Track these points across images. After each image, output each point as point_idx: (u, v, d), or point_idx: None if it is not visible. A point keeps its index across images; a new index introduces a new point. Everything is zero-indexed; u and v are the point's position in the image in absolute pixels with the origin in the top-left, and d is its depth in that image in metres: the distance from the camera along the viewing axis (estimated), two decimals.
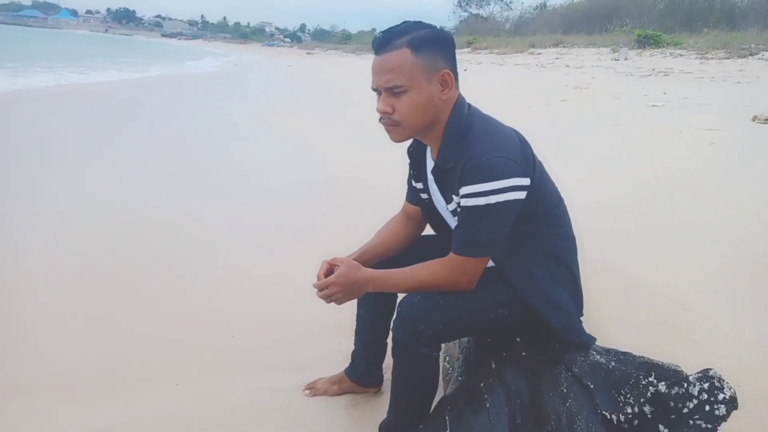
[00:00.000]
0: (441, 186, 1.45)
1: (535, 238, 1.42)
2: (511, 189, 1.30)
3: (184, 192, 4.41)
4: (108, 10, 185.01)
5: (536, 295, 1.41)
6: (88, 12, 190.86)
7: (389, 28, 1.38)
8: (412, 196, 1.67)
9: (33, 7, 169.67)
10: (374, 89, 1.40)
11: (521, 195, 1.32)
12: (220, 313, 2.44)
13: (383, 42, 1.35)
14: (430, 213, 1.62)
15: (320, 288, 1.42)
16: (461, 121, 1.39)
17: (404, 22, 1.38)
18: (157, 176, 4.89)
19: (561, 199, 1.49)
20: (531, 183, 1.34)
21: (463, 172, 1.31)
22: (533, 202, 1.36)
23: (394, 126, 1.38)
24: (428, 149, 1.53)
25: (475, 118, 1.40)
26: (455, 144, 1.37)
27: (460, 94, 1.43)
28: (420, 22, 1.38)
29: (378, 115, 1.40)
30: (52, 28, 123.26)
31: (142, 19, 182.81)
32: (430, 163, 1.51)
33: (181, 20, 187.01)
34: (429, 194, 1.56)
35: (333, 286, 1.40)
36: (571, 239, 1.50)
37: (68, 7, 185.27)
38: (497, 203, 1.29)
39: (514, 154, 1.32)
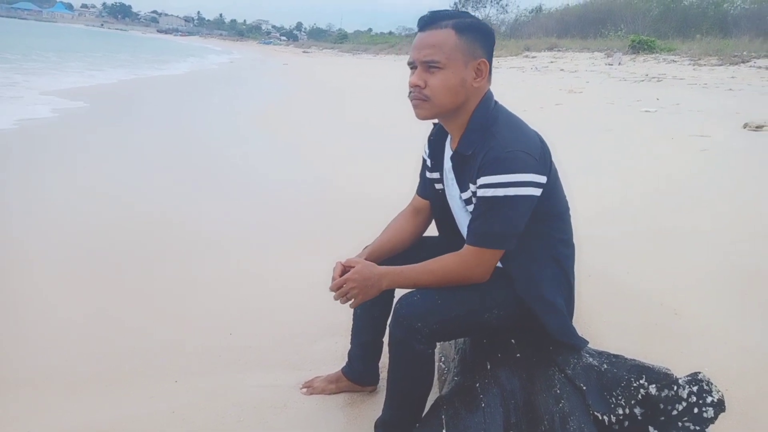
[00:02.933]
0: (458, 173, 1.48)
1: (542, 240, 1.45)
2: (528, 184, 1.34)
3: (185, 191, 4.44)
4: (104, 4, 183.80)
5: (535, 296, 1.45)
6: (84, 6, 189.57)
7: (438, 9, 1.44)
8: (424, 188, 1.70)
9: (28, 0, 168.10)
10: (410, 63, 1.44)
11: (537, 192, 1.36)
12: (219, 311, 2.46)
13: (430, 20, 1.41)
14: (440, 206, 1.65)
15: (337, 287, 1.45)
16: (487, 112, 1.43)
17: (452, 9, 1.44)
18: (159, 175, 4.91)
19: (568, 207, 1.53)
20: (546, 183, 1.38)
21: (483, 162, 1.35)
22: (546, 203, 1.40)
23: (422, 101, 1.41)
24: (448, 139, 1.56)
25: (501, 113, 1.45)
26: (478, 133, 1.41)
27: (489, 89, 1.48)
28: (467, 12, 1.45)
29: (407, 91, 1.43)
30: (47, 22, 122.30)
31: (138, 15, 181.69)
32: (448, 153, 1.55)
33: (177, 16, 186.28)
34: (443, 184, 1.60)
35: (349, 282, 1.43)
36: (571, 247, 1.55)
37: (63, 0, 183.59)
38: (515, 196, 1.33)
39: (534, 151, 1.36)
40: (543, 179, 1.37)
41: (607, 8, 29.48)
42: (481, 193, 1.36)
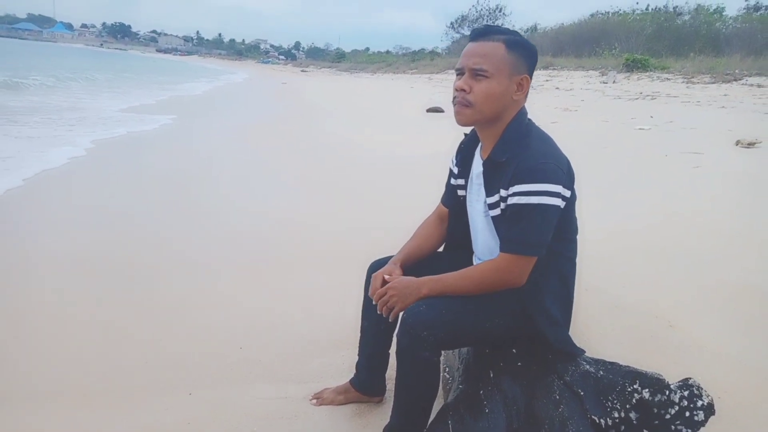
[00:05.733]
0: (488, 179, 1.58)
1: (552, 257, 1.54)
2: (558, 195, 1.45)
3: (194, 208, 4.54)
4: (103, 24, 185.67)
5: (538, 307, 1.54)
6: (84, 26, 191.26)
7: (491, 24, 1.57)
8: (448, 197, 1.81)
9: (28, 20, 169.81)
10: (458, 69, 1.55)
11: (562, 204, 1.47)
12: (229, 326, 2.54)
13: (483, 32, 1.53)
14: (458, 214, 1.76)
15: (379, 296, 1.56)
16: (521, 125, 1.55)
17: (504, 27, 1.56)
18: (168, 192, 5.03)
19: (578, 230, 1.63)
20: (568, 199, 1.49)
21: (517, 170, 1.45)
22: (563, 221, 1.50)
23: (465, 107, 1.52)
24: (479, 147, 1.67)
25: (533, 128, 1.56)
26: (513, 142, 1.52)
27: (524, 106, 1.59)
28: (517, 31, 1.57)
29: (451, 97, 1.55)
30: (47, 42, 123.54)
31: (138, 34, 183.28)
32: (477, 160, 1.66)
33: (176, 36, 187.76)
34: (466, 191, 1.71)
35: (390, 290, 1.55)
36: (575, 266, 1.65)
37: (63, 20, 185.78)
38: (547, 205, 1.43)
39: (563, 165, 1.48)
40: (568, 193, 1.48)
41: (601, 27, 29.90)
42: (514, 200, 1.45)
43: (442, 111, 12.42)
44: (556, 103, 13.10)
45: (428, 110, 12.66)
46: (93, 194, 4.87)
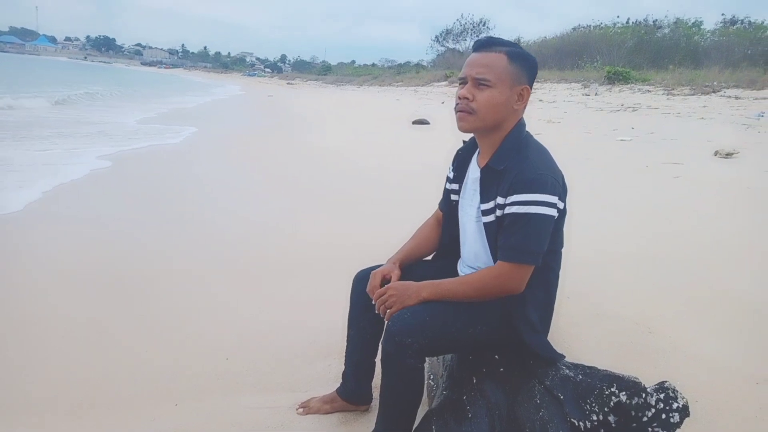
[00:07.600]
0: (485, 186, 1.61)
1: (539, 268, 1.57)
2: (554, 206, 1.50)
3: (191, 220, 4.54)
4: (87, 37, 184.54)
5: (519, 315, 1.58)
6: (67, 39, 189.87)
7: (494, 36, 1.63)
8: (444, 202, 1.86)
9: (10, 33, 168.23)
10: (461, 78, 1.60)
11: (556, 215, 1.52)
12: (215, 337, 2.54)
13: (486, 43, 1.58)
14: (451, 219, 1.80)
15: (378, 295, 1.60)
16: (520, 135, 1.60)
17: (506, 39, 1.61)
18: (157, 205, 5.02)
19: (563, 243, 1.68)
20: (562, 210, 1.54)
21: (516, 180, 1.50)
22: (552, 235, 1.54)
23: (467, 114, 1.57)
24: (475, 154, 1.72)
25: (531, 140, 1.62)
26: (512, 152, 1.56)
27: (523, 117, 1.64)
28: (517, 44, 1.62)
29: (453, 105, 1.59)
30: (30, 55, 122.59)
31: (122, 47, 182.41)
32: (473, 167, 1.71)
33: (161, 49, 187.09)
34: (459, 196, 1.76)
35: (390, 290, 1.59)
36: (558, 277, 1.69)
37: (47, 33, 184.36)
38: (543, 215, 1.48)
39: (559, 178, 1.54)
40: (562, 205, 1.54)
41: (583, 40, 30.46)
42: (513, 210, 1.50)
43: (427, 123, 12.55)
44: (539, 115, 13.29)
45: (414, 122, 12.78)
46: (104, 207, 4.86)
